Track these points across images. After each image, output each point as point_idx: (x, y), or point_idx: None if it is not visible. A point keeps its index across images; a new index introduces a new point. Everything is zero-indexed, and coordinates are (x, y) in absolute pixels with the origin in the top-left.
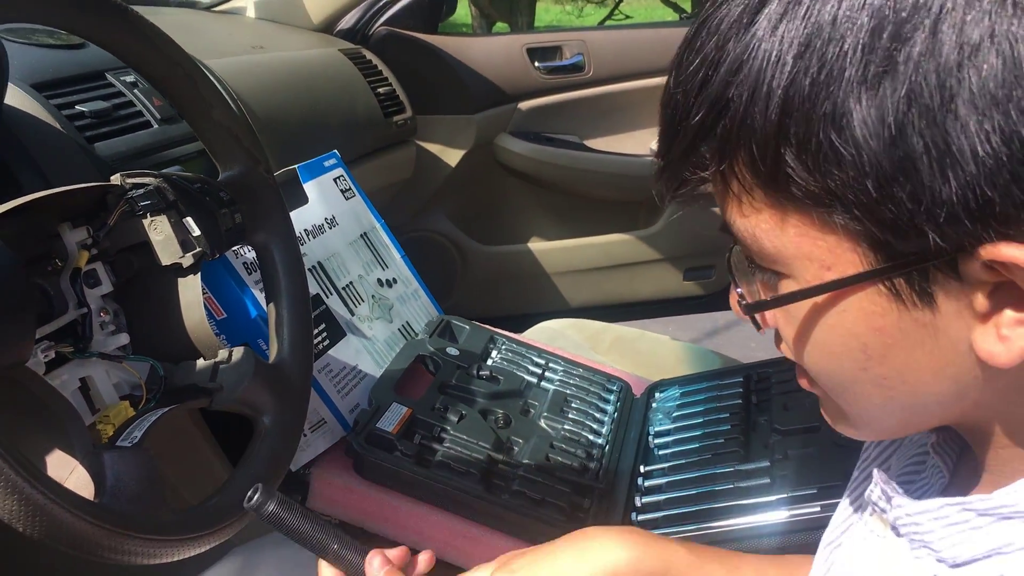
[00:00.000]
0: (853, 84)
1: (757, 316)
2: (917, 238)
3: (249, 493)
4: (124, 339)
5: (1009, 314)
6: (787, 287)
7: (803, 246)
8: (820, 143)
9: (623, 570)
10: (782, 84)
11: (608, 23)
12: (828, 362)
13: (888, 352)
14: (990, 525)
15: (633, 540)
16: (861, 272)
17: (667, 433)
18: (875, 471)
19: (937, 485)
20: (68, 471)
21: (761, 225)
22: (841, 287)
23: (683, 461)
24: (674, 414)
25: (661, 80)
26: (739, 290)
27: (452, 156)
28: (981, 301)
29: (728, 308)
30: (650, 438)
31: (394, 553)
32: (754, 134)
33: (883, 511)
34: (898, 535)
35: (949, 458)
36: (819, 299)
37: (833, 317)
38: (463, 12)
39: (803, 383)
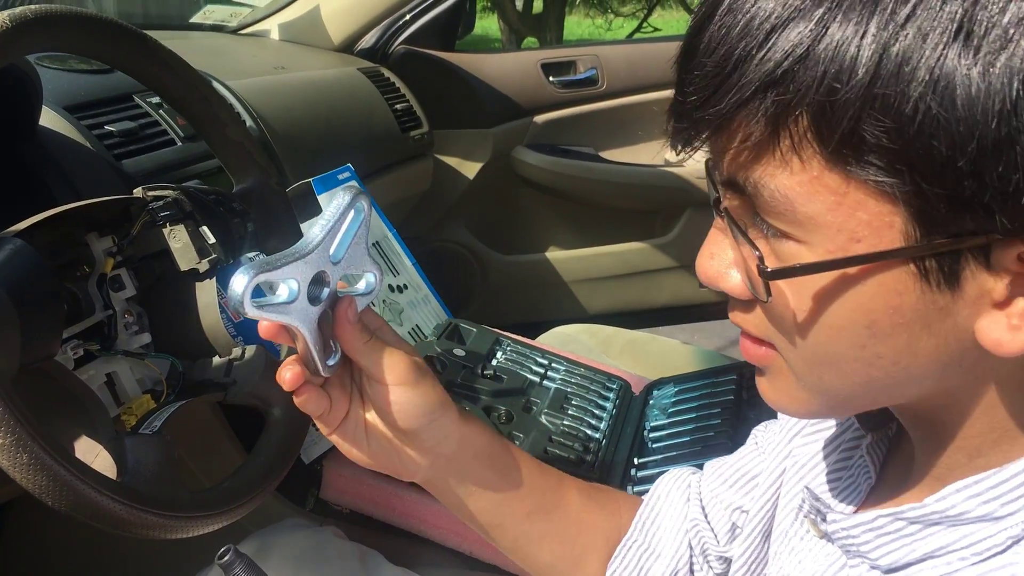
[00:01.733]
0: (961, 53)
1: (748, 279)
2: (978, 217)
3: (221, 551)
4: (147, 338)
5: (1023, 304)
6: (797, 254)
7: (839, 215)
8: (915, 110)
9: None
10: (880, 40)
11: (637, 36)
12: (823, 336)
13: (894, 332)
14: (921, 531)
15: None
16: (897, 248)
17: (662, 428)
18: (805, 488)
19: (864, 485)
20: (94, 454)
21: (800, 187)
22: (875, 260)
23: (675, 453)
24: (669, 410)
25: (673, 92)
26: (716, 252)
27: (470, 169)
28: (1000, 290)
29: None
30: (645, 432)
31: None
32: (832, 92)
33: (815, 521)
34: (832, 543)
35: (878, 458)
36: (842, 271)
37: (850, 290)
38: (492, 27)
39: (755, 351)
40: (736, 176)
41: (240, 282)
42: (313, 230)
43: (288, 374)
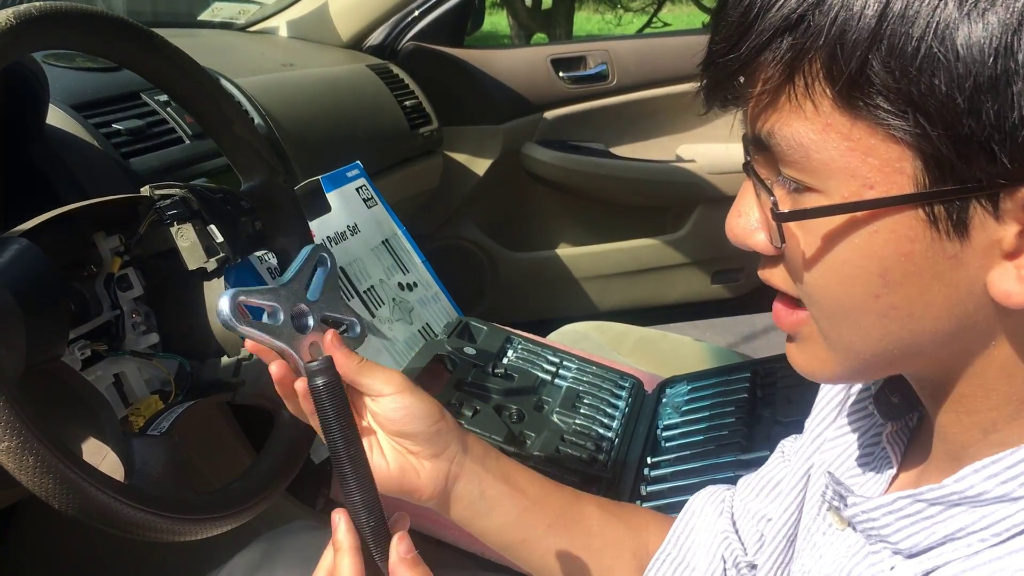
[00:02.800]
0: (959, 5)
1: (769, 233)
2: (981, 160)
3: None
4: (155, 338)
5: None
6: (815, 203)
7: (852, 161)
8: (917, 50)
9: None
10: None
11: (647, 31)
12: (839, 285)
13: (906, 280)
14: (941, 513)
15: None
16: (908, 193)
17: (675, 427)
18: (827, 472)
19: (886, 474)
20: (102, 456)
21: (814, 134)
22: (886, 205)
23: (688, 452)
24: (683, 408)
25: (684, 87)
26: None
27: (480, 165)
28: (1009, 240)
29: (757, 311)
30: (658, 431)
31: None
32: (843, 34)
33: (838, 508)
34: (855, 530)
35: (899, 447)
36: (855, 216)
37: (862, 236)
38: (502, 23)
39: (787, 318)
40: (757, 128)
41: (225, 302)
42: (285, 273)
43: (275, 372)
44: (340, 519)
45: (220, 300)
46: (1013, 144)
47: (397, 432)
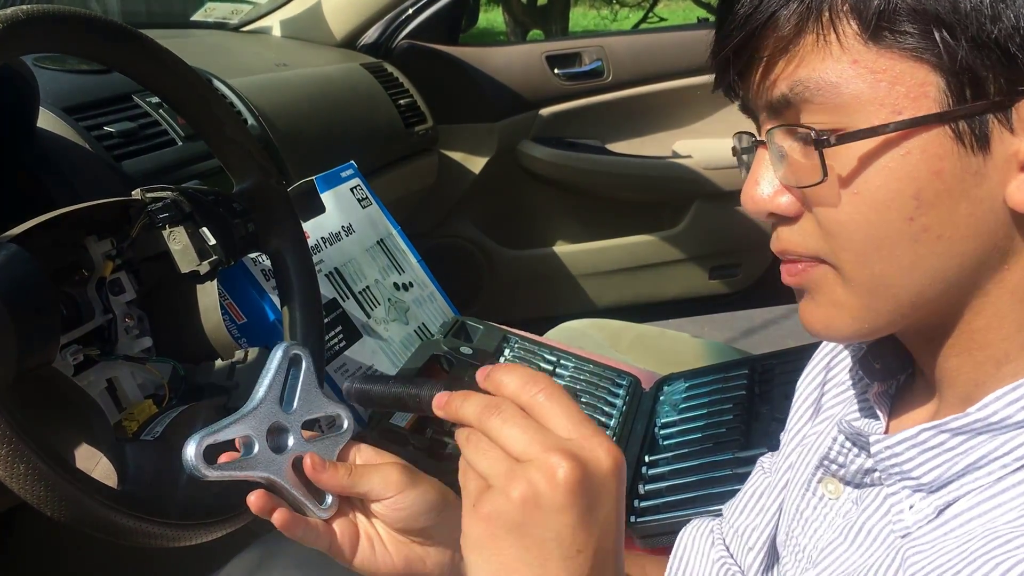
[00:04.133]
0: None
1: (792, 192)
2: (1001, 68)
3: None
4: (148, 342)
5: None
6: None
7: (880, 90)
8: None
9: None
10: None
11: (643, 27)
12: (872, 213)
13: (937, 200)
14: (963, 444)
15: None
16: (936, 112)
17: (673, 424)
18: (839, 423)
19: (874, 428)
20: (95, 462)
21: (843, 71)
22: (917, 125)
23: (686, 450)
24: (680, 406)
25: (680, 82)
26: (763, 185)
27: (476, 163)
28: None
29: (755, 307)
30: (656, 429)
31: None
32: None
33: (840, 467)
34: (855, 487)
35: (885, 406)
36: (887, 140)
37: (896, 160)
38: (497, 20)
39: (797, 272)
40: (775, 92)
41: (190, 449)
42: (255, 389)
43: (278, 521)
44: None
45: (185, 447)
46: None
47: (401, 530)
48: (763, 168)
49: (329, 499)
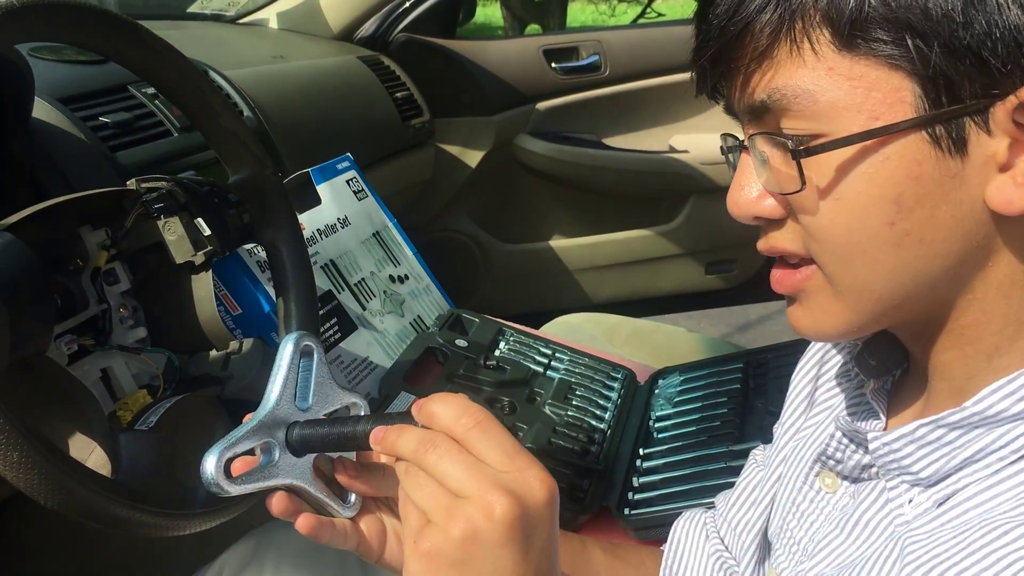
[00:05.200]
0: None
1: (776, 197)
2: (974, 72)
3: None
4: (142, 333)
5: None
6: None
7: (856, 97)
8: None
9: None
10: None
11: (641, 21)
12: (853, 219)
13: (917, 204)
14: (960, 438)
15: None
16: (913, 118)
17: (667, 418)
18: (837, 420)
19: (873, 425)
20: (88, 451)
21: (818, 79)
22: (894, 131)
23: (680, 443)
24: (675, 399)
25: (676, 77)
26: (747, 188)
27: (472, 157)
28: (1003, 152)
29: (750, 302)
30: (651, 423)
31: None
32: None
33: (838, 463)
34: (852, 481)
35: (882, 402)
36: (866, 147)
37: (874, 166)
38: (495, 15)
39: (789, 278)
40: (755, 96)
41: (210, 465)
42: (269, 389)
43: (304, 527)
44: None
45: (204, 464)
46: (1005, 49)
47: None
48: (747, 173)
49: (353, 497)
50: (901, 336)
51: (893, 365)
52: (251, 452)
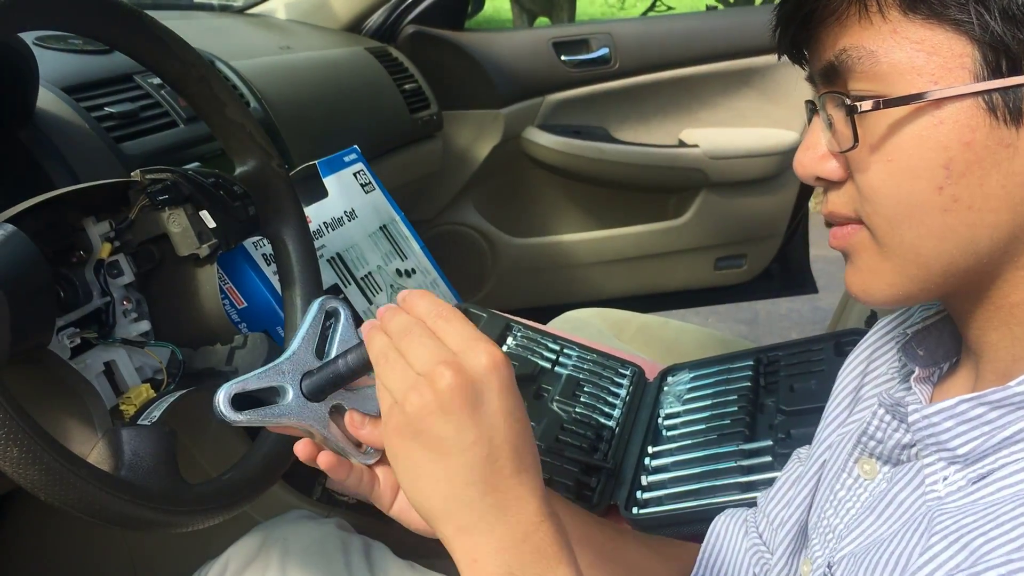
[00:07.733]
0: None
1: (836, 140)
2: None
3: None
4: (146, 326)
5: None
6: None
7: (917, 60)
8: None
9: None
10: None
11: (650, 15)
12: (903, 180)
13: (968, 170)
14: (1002, 418)
15: None
16: (970, 84)
17: (676, 415)
18: (880, 395)
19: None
20: (91, 446)
21: (882, 40)
22: (951, 95)
23: (689, 442)
24: (684, 397)
25: (687, 71)
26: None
27: (480, 150)
28: None
29: (760, 298)
30: (660, 420)
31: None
32: None
33: (878, 443)
34: (892, 465)
35: (927, 390)
36: (921, 109)
37: (928, 129)
38: (504, 7)
39: (842, 233)
40: (827, 56)
41: (220, 396)
42: (289, 339)
43: (324, 463)
44: None
45: (217, 394)
46: None
47: None
48: (815, 134)
49: (372, 449)
50: (953, 313)
51: (941, 358)
52: (270, 393)
